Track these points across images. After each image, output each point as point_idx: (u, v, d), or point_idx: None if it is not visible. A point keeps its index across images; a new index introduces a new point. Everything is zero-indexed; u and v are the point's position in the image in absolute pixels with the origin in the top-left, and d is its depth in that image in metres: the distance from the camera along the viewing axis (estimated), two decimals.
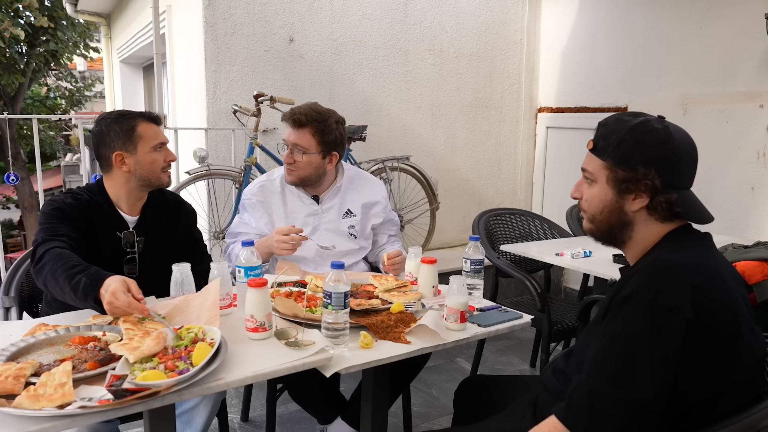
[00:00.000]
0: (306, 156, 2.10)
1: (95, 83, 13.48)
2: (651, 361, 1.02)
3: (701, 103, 3.43)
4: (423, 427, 2.55)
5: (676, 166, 1.14)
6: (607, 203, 1.19)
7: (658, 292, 1.04)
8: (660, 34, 3.65)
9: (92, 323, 1.44)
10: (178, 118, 4.21)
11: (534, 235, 3.12)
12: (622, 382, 1.03)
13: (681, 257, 1.10)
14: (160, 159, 1.83)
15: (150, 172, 1.82)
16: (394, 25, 3.97)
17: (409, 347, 1.43)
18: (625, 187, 1.16)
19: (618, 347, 1.06)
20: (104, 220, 1.80)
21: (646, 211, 1.16)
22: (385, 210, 2.31)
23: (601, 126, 1.21)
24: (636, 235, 1.19)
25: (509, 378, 1.82)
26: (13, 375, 1.11)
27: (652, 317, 1.03)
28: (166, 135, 1.89)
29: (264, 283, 1.40)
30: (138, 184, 1.83)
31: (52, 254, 1.54)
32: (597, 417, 1.04)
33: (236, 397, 2.76)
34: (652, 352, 1.02)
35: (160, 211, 1.92)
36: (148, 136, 1.80)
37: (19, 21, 8.54)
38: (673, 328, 1.02)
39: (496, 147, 4.62)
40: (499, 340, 3.55)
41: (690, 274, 1.06)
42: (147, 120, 1.83)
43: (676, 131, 1.15)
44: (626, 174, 1.15)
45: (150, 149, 1.81)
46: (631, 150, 1.14)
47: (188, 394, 1.15)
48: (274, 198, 2.19)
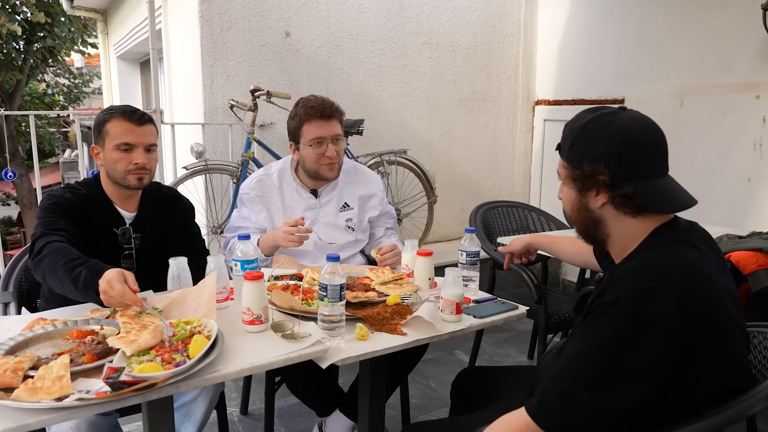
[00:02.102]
0: (342, 144, 2.13)
1: (93, 79, 13.48)
2: (630, 370, 1.01)
3: (698, 94, 3.44)
4: (421, 419, 2.56)
5: (627, 157, 1.10)
6: (574, 202, 1.20)
7: (643, 300, 1.02)
8: (656, 26, 3.65)
9: (90, 317, 1.44)
10: (175, 113, 4.21)
11: (532, 228, 3.13)
12: (598, 388, 1.02)
13: (667, 260, 1.07)
14: (123, 160, 1.75)
15: (113, 171, 1.77)
16: (390, 19, 3.97)
17: (405, 339, 1.44)
18: (582, 185, 1.15)
19: (597, 352, 1.04)
20: (101, 215, 1.80)
21: (612, 207, 1.14)
22: (381, 203, 2.32)
23: (564, 127, 1.21)
24: (612, 233, 1.18)
25: (506, 369, 1.83)
26: (12, 368, 1.12)
27: (635, 326, 1.01)
28: (148, 137, 1.79)
29: (260, 276, 1.41)
30: (113, 182, 1.80)
31: (51, 248, 1.55)
32: (569, 420, 1.04)
33: (235, 390, 2.78)
34: (632, 361, 1.01)
35: (158, 206, 1.92)
36: (114, 133, 1.75)
37: (16, 17, 8.53)
38: (656, 338, 1.00)
39: (493, 140, 4.62)
40: (497, 332, 3.57)
41: (676, 280, 1.03)
42: (123, 118, 1.76)
43: (629, 122, 1.12)
44: (576, 172, 1.15)
45: (113, 147, 1.75)
46: (581, 149, 1.14)
47: (185, 386, 1.16)
48: (272, 192, 2.19)
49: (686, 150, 3.32)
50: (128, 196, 1.85)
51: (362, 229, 2.27)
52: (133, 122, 1.76)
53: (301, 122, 2.09)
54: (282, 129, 3.63)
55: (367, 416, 1.65)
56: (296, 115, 2.12)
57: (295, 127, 2.13)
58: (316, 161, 2.10)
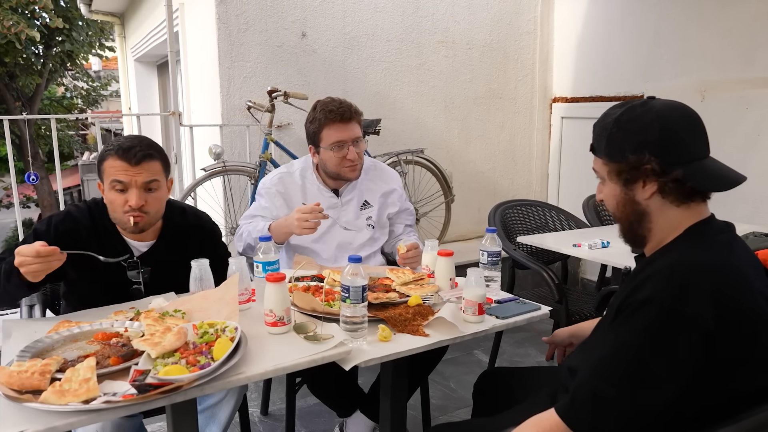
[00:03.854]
0: (362, 145, 2.12)
1: (111, 82, 13.64)
2: (665, 371, 0.99)
3: (720, 89, 3.38)
4: (441, 420, 2.55)
5: (670, 141, 1.09)
6: (619, 198, 1.18)
7: (678, 299, 1.00)
8: (677, 20, 3.59)
9: (114, 320, 1.46)
10: (193, 115, 4.24)
11: (550, 226, 3.10)
12: (630, 389, 1.01)
13: (701, 257, 1.06)
14: (118, 200, 1.64)
15: (112, 212, 1.68)
16: (406, 18, 3.96)
17: (428, 340, 1.43)
18: (628, 177, 1.14)
19: (629, 353, 1.03)
20: (106, 246, 1.69)
21: (660, 196, 1.12)
22: (400, 199, 2.31)
23: (594, 126, 1.21)
24: (655, 226, 1.16)
25: (529, 370, 1.81)
26: (39, 371, 1.13)
27: (669, 325, 1.00)
28: (144, 175, 1.64)
29: (282, 278, 1.41)
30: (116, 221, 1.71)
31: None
32: (600, 420, 1.03)
33: (256, 391, 2.79)
34: (668, 363, 0.99)
35: (179, 235, 1.81)
36: (108, 173, 1.64)
37: (35, 22, 8.65)
38: (689, 337, 0.98)
39: (510, 138, 4.59)
40: (516, 332, 3.54)
41: (711, 278, 1.02)
42: (117, 156, 1.63)
43: (661, 108, 1.12)
44: (621, 166, 1.14)
45: (108, 186, 1.65)
46: (619, 142, 1.13)
47: (210, 388, 1.17)
48: (294, 189, 2.19)
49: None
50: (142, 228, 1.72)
51: (381, 225, 2.27)
52: (127, 161, 1.62)
53: (321, 126, 2.08)
54: (299, 130, 3.64)
55: (389, 418, 1.65)
56: (315, 118, 2.10)
57: (314, 131, 2.12)
58: (337, 164, 2.10)
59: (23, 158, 10.06)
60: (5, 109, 9.81)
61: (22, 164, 10.59)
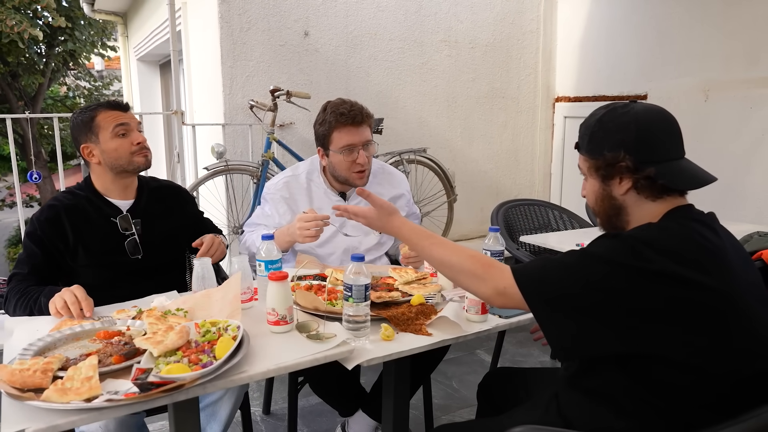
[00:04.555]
0: (372, 148, 2.08)
1: (113, 82, 13.62)
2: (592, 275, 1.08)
3: (723, 89, 3.37)
4: (444, 420, 2.55)
5: (644, 142, 1.16)
6: (598, 193, 1.24)
7: (646, 242, 1.08)
8: (681, 19, 3.58)
9: (117, 318, 1.45)
10: (195, 114, 4.24)
11: (553, 226, 3.09)
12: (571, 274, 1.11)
13: (660, 230, 1.13)
14: (124, 144, 1.81)
15: (117, 159, 1.81)
16: (408, 17, 3.95)
17: (431, 339, 1.43)
18: (605, 174, 1.21)
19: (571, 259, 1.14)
20: (96, 212, 1.83)
21: (635, 192, 1.19)
22: (408, 204, 2.30)
23: (580, 126, 1.28)
24: (632, 219, 1.21)
25: (533, 371, 1.81)
26: (41, 369, 1.12)
27: (634, 256, 1.06)
28: (135, 119, 1.86)
29: (285, 277, 1.40)
30: (115, 173, 1.84)
31: (15, 291, 1.68)
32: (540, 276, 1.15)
33: (258, 390, 2.78)
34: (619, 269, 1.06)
35: (155, 194, 1.96)
36: (106, 123, 1.79)
37: (38, 22, 8.64)
38: (652, 271, 1.05)
39: (513, 138, 4.58)
40: (519, 332, 3.53)
41: (668, 240, 1.09)
42: (107, 108, 1.82)
43: (641, 110, 1.19)
44: (598, 162, 1.21)
45: (110, 136, 1.79)
46: (600, 140, 1.21)
47: (212, 387, 1.16)
48: (300, 193, 2.15)
49: (712, 146, 3.25)
50: (125, 186, 1.88)
51: None
52: (120, 110, 1.83)
53: (331, 128, 2.03)
54: (302, 129, 3.64)
55: (391, 417, 1.64)
56: (324, 120, 2.05)
57: (323, 133, 2.06)
58: (347, 169, 2.05)
59: (26, 158, 10.08)
60: (8, 108, 9.81)
61: (24, 164, 10.61)
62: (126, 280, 1.80)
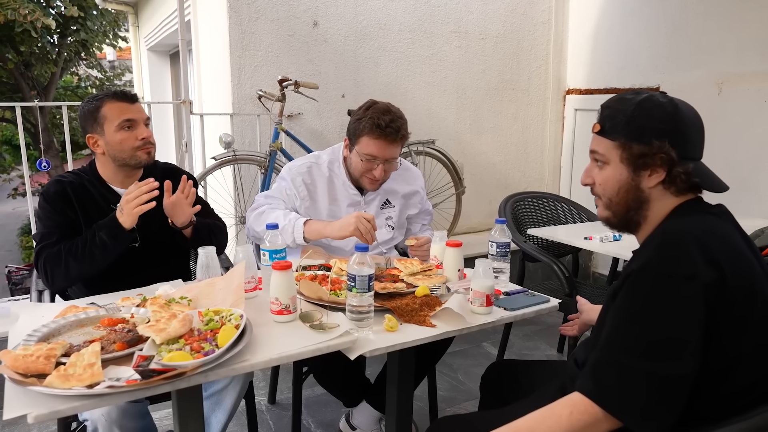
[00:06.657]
0: (393, 166, 2.06)
1: (125, 72, 13.68)
2: (677, 332, 0.99)
3: (737, 82, 3.32)
4: (449, 412, 2.55)
5: (687, 136, 1.13)
6: (623, 183, 1.17)
7: (671, 260, 1.02)
8: (694, 11, 3.52)
9: (121, 305, 1.46)
10: (204, 104, 4.24)
11: (562, 219, 3.07)
12: (651, 354, 1.00)
13: (690, 224, 1.09)
14: (129, 138, 1.80)
15: (120, 152, 1.81)
16: (418, 8, 3.92)
17: (434, 330, 1.42)
18: (642, 163, 1.14)
19: (640, 321, 1.02)
20: (98, 195, 1.84)
21: (662, 186, 1.14)
22: (422, 201, 2.28)
23: (605, 108, 1.20)
24: (651, 214, 1.17)
25: (537, 363, 1.80)
26: (44, 355, 1.13)
27: (670, 287, 1.01)
28: (143, 113, 1.85)
29: (288, 266, 1.40)
30: (118, 165, 1.84)
31: (53, 256, 1.69)
32: (627, 391, 1.01)
33: (263, 380, 2.79)
34: (677, 323, 1.00)
35: (157, 179, 1.89)
36: (112, 115, 1.78)
37: (50, 11, 8.69)
38: (687, 295, 1.00)
39: (522, 130, 4.55)
40: (525, 325, 3.52)
41: (697, 238, 1.04)
42: (114, 99, 1.80)
43: (681, 103, 1.15)
44: (641, 149, 1.13)
45: (115, 129, 1.78)
46: (643, 125, 1.13)
47: (214, 375, 1.16)
48: (321, 182, 2.11)
49: (725, 140, 3.21)
50: (128, 175, 1.87)
51: (400, 225, 2.24)
52: (127, 101, 1.81)
53: (363, 131, 1.97)
54: (310, 119, 3.63)
55: (395, 408, 1.64)
56: (362, 119, 1.99)
57: (355, 130, 2.01)
58: (361, 173, 2.04)
59: (37, 147, 10.15)
60: (21, 97, 9.88)
61: (37, 153, 10.69)
62: (126, 268, 1.79)
